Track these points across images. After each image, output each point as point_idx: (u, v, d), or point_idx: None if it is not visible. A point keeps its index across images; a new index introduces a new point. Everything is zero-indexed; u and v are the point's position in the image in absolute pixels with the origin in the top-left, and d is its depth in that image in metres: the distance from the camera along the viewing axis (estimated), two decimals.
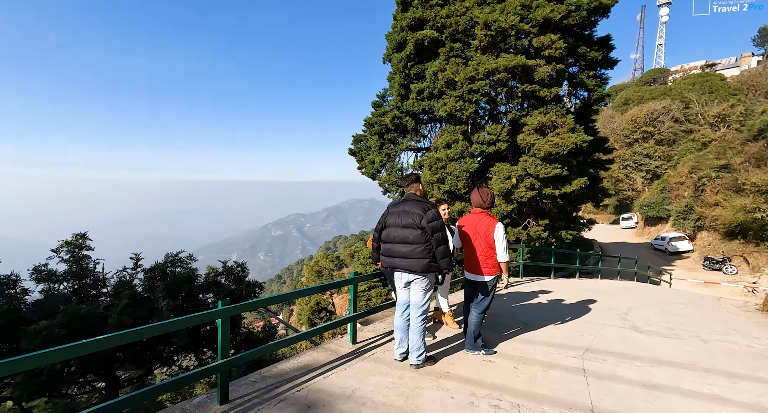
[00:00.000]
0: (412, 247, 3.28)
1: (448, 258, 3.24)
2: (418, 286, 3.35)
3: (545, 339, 4.13)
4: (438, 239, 3.19)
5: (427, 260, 3.24)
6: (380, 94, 15.71)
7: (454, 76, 10.77)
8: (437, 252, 3.20)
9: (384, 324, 4.81)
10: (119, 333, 2.28)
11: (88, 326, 6.59)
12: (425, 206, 3.30)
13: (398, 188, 15.55)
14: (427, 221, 3.20)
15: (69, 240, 8.23)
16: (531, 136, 10.44)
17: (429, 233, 3.20)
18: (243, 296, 8.61)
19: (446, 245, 3.23)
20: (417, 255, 3.25)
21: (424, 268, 3.25)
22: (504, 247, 3.58)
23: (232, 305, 2.81)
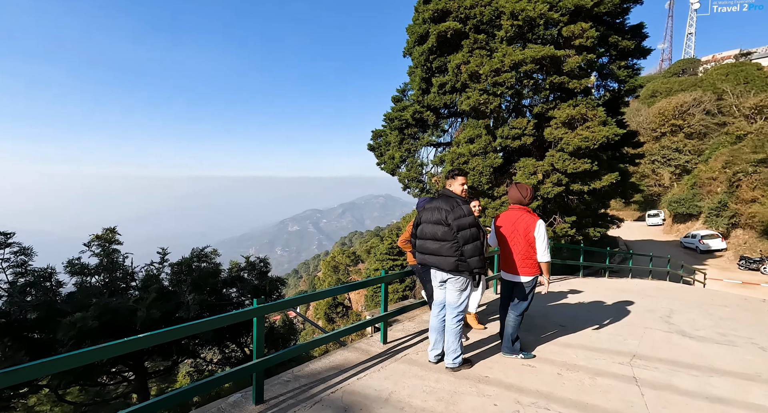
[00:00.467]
0: (440, 244, 3.19)
1: (478, 257, 3.05)
2: (453, 285, 3.21)
3: (586, 343, 3.92)
4: (465, 237, 3.04)
5: (454, 259, 3.11)
6: (400, 89, 15.49)
7: (478, 69, 10.46)
8: (464, 250, 3.05)
9: (413, 324, 4.69)
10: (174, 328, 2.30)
11: (119, 318, 6.73)
12: (454, 202, 3.17)
13: (418, 183, 15.36)
14: (454, 218, 3.08)
15: (99, 234, 8.44)
16: (559, 129, 10.05)
17: (455, 230, 3.08)
18: (266, 291, 8.66)
19: (475, 243, 3.06)
20: (445, 252, 3.15)
21: (452, 266, 3.14)
22: (545, 246, 3.39)
23: (267, 303, 2.74)
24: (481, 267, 3.09)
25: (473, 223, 3.08)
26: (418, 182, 15.16)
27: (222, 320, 2.57)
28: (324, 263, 50.77)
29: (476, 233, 3.08)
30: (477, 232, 3.09)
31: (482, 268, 3.11)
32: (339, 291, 3.45)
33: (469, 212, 3.11)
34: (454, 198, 3.23)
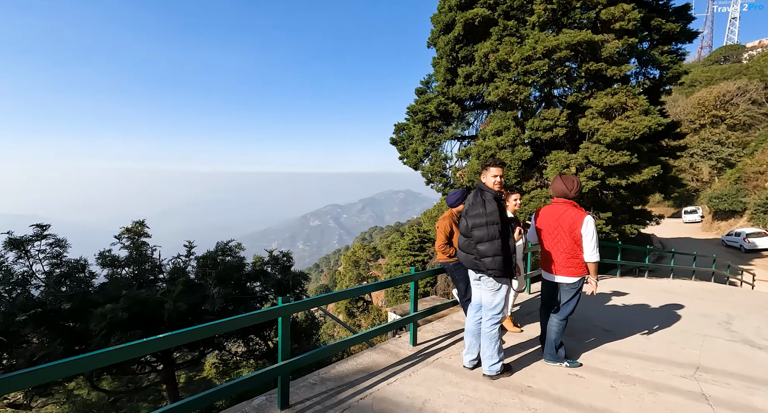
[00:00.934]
0: (464, 239, 3.03)
1: (492, 258, 2.77)
2: (485, 285, 2.96)
3: (637, 351, 3.55)
4: (478, 236, 2.81)
5: (472, 257, 2.92)
6: (424, 81, 15.08)
7: (507, 57, 9.95)
8: (478, 249, 2.83)
9: (443, 324, 4.43)
10: (208, 325, 2.17)
11: (148, 310, 6.82)
12: (479, 196, 2.93)
13: (442, 178, 14.97)
14: (471, 214, 2.91)
15: (129, 227, 8.61)
16: (595, 120, 9.42)
17: (470, 227, 2.88)
18: (289, 286, 8.62)
19: (492, 242, 2.78)
20: (466, 249, 2.99)
21: (471, 265, 2.96)
22: (594, 244, 3.05)
23: (293, 303, 2.56)
24: (496, 269, 2.79)
25: (493, 220, 2.80)
26: (442, 176, 14.78)
27: (246, 319, 2.41)
28: (345, 258, 51.12)
29: (494, 231, 2.78)
30: (495, 230, 2.78)
31: (499, 270, 2.80)
32: (366, 290, 3.25)
33: (492, 208, 2.83)
34: (483, 192, 2.96)
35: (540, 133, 10.56)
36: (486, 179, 3.01)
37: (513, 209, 4.00)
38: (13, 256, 6.81)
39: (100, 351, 1.88)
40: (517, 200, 3.97)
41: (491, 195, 2.90)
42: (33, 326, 6.32)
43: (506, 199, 4.14)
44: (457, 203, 3.99)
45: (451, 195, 3.98)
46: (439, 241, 3.87)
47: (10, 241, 6.68)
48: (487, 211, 2.80)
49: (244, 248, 9.28)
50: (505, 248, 2.79)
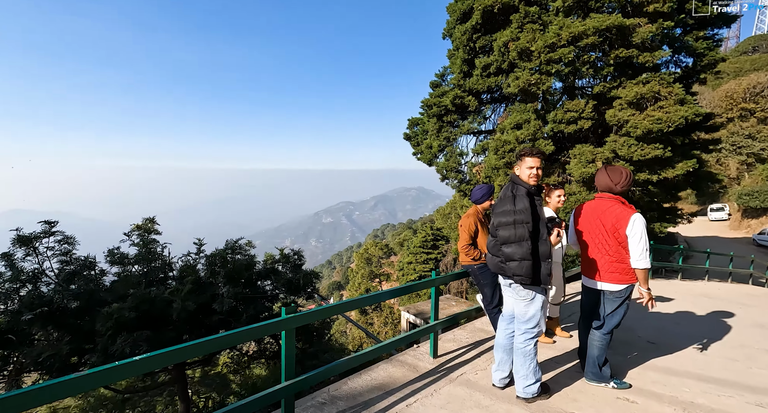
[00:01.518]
0: (492, 240, 2.67)
1: (519, 263, 2.36)
2: (516, 293, 2.56)
3: (693, 369, 3.09)
4: (504, 237, 2.43)
5: (498, 260, 2.55)
6: (439, 74, 14.57)
7: (529, 46, 9.38)
8: (503, 252, 2.44)
9: (465, 332, 4.04)
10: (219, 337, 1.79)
11: (156, 309, 6.63)
12: (510, 190, 2.55)
13: (457, 174, 14.48)
14: (497, 211, 2.56)
15: (140, 224, 8.45)
16: (624, 111, 8.79)
17: (495, 225, 2.52)
18: (300, 286, 8.34)
19: (519, 244, 2.37)
20: (492, 250, 2.64)
21: (497, 269, 2.59)
22: (642, 247, 2.59)
23: (299, 314, 2.22)
24: (523, 275, 2.37)
25: (522, 219, 2.38)
26: (457, 172, 14.29)
27: (246, 333, 2.08)
28: (357, 255, 50.97)
29: (523, 232, 2.37)
30: (525, 231, 2.37)
31: (527, 276, 2.37)
32: (383, 298, 2.88)
33: (523, 205, 2.41)
34: (516, 186, 2.56)
35: (563, 126, 9.98)
36: (520, 171, 2.59)
37: (555, 207, 3.57)
38: (22, 253, 6.70)
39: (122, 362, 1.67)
40: (561, 197, 3.53)
41: (524, 190, 2.49)
42: (40, 325, 6.19)
43: (547, 195, 3.70)
44: (482, 200, 3.58)
45: (476, 191, 3.57)
46: (462, 241, 3.48)
47: (18, 238, 6.56)
48: (516, 208, 2.39)
49: (254, 246, 9.04)
50: (534, 251, 2.38)
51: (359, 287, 41.06)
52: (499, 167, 11.25)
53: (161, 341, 6.83)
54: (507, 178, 11.17)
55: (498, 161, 11.17)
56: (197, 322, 7.75)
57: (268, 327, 2.11)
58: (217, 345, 1.93)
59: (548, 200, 3.68)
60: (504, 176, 11.19)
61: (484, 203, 3.55)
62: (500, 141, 11.05)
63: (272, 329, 2.12)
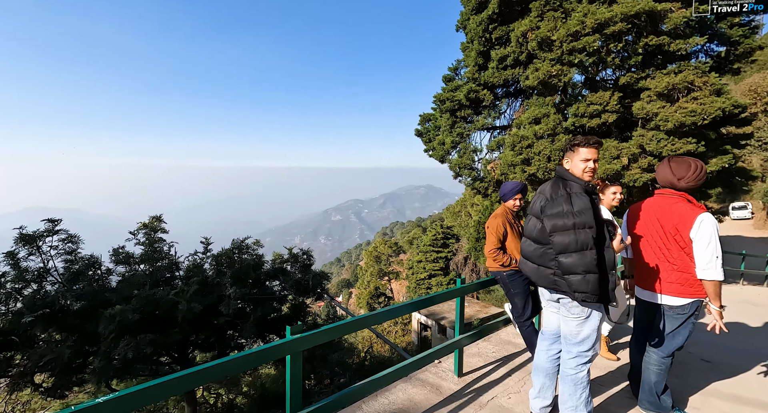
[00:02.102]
0: (534, 247, 2.21)
1: (583, 277, 1.92)
2: (567, 311, 2.13)
3: (764, 397, 2.64)
4: (562, 244, 1.97)
5: (550, 272, 2.09)
6: (452, 67, 14.08)
7: (550, 35, 8.86)
8: (560, 263, 1.99)
9: (491, 345, 3.64)
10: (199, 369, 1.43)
11: (161, 311, 6.40)
12: (561, 187, 2.10)
13: (470, 171, 14.00)
14: (550, 212, 2.07)
15: (146, 222, 8.23)
16: (653, 103, 8.22)
17: (549, 230, 2.04)
18: (309, 287, 8.03)
19: (582, 253, 1.93)
20: (537, 259, 2.17)
21: (547, 282, 2.13)
22: (711, 254, 2.15)
23: (305, 334, 1.87)
24: (588, 292, 1.93)
25: (584, 222, 1.95)
26: (471, 169, 13.81)
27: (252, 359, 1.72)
28: (366, 253, 50.73)
29: (586, 238, 1.93)
30: (588, 237, 1.93)
31: (593, 293, 1.93)
32: (404, 310, 2.51)
33: (583, 205, 1.98)
34: (568, 182, 2.13)
35: (585, 120, 9.44)
36: (572, 164, 2.17)
37: (610, 206, 3.12)
38: (25, 252, 6.50)
39: None
40: (617, 195, 3.07)
41: (580, 187, 2.07)
42: (43, 326, 5.99)
43: (601, 192, 3.22)
44: (510, 196, 3.18)
45: (506, 187, 3.17)
46: (489, 245, 3.08)
47: (21, 236, 6.36)
48: (575, 208, 1.98)
49: (262, 245, 8.76)
50: (601, 262, 1.96)
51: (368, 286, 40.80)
52: (516, 163, 10.75)
53: (166, 344, 6.58)
54: (525, 175, 10.68)
55: (515, 157, 10.68)
56: (204, 324, 7.51)
57: (269, 351, 1.76)
58: (205, 378, 1.58)
59: (602, 197, 3.19)
60: (521, 173, 10.69)
61: (515, 201, 3.15)
62: (517, 137, 10.57)
63: (274, 354, 1.77)
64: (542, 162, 10.02)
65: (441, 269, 31.56)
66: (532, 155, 10.24)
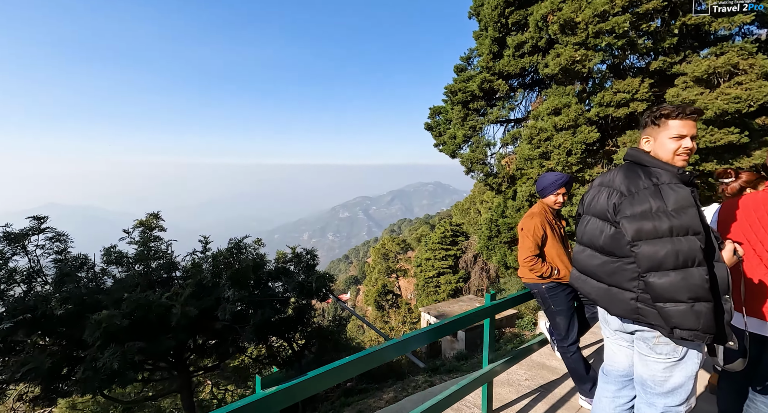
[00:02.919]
0: (601, 260, 1.57)
1: (689, 307, 1.30)
2: (649, 348, 1.51)
3: None
4: (654, 257, 1.36)
5: (631, 296, 1.46)
6: (464, 56, 13.35)
7: (574, 16, 8.12)
8: (652, 286, 1.35)
9: (522, 370, 3.05)
10: None
11: (153, 315, 5.93)
12: (642, 177, 1.47)
13: (483, 166, 13.31)
14: (632, 211, 1.42)
15: (142, 220, 7.79)
16: (690, 89, 7.45)
17: (630, 236, 1.39)
18: (312, 289, 7.51)
19: (686, 272, 1.31)
20: (608, 277, 1.54)
21: (625, 310, 1.48)
22: None
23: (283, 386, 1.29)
24: (697, 329, 1.30)
25: (685, 225, 1.32)
26: (483, 164, 13.11)
27: None
28: (374, 250, 50.32)
29: (693, 249, 1.31)
30: (695, 247, 1.31)
31: (705, 330, 1.31)
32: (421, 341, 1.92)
33: (682, 200, 1.36)
34: (647, 168, 1.52)
35: (611, 109, 8.69)
36: (656, 143, 1.55)
37: None
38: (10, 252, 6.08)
39: None
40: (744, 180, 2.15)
41: (671, 175, 1.45)
42: (24, 333, 5.57)
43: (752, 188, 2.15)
44: (551, 191, 2.57)
45: (546, 179, 2.56)
46: (525, 251, 2.47)
47: (4, 235, 5.94)
48: (669, 206, 1.36)
49: (264, 244, 8.25)
50: (713, 284, 1.35)
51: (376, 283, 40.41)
52: (533, 157, 10.05)
53: (158, 351, 6.13)
54: (542, 171, 9.97)
55: (532, 151, 9.98)
56: (201, 328, 7.04)
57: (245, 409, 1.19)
58: None
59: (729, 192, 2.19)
60: (539, 168, 9.99)
61: (557, 197, 2.54)
62: (535, 129, 9.86)
63: None
64: (562, 156, 9.31)
65: (450, 267, 30.92)
66: (551, 149, 9.54)
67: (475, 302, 16.26)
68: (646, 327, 1.49)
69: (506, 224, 16.39)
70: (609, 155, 9.76)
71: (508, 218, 16.23)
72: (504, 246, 16.92)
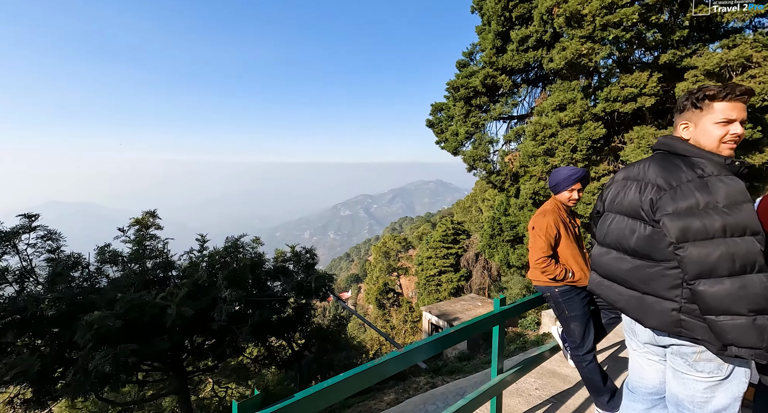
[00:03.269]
0: (632, 263, 1.36)
1: (749, 321, 1.10)
2: (688, 365, 1.31)
3: None
4: (701, 261, 1.17)
5: (671, 307, 1.26)
6: (467, 51, 13.12)
7: (581, 8, 7.88)
8: (702, 295, 1.16)
9: (532, 378, 2.86)
10: None
11: (147, 315, 5.76)
12: (674, 167, 1.29)
13: (486, 163, 13.10)
14: (675, 208, 1.22)
15: (138, 218, 7.61)
16: (701, 84, 7.23)
17: (674, 237, 1.19)
18: (311, 289, 7.34)
19: (739, 278, 1.12)
20: (639, 284, 1.34)
21: (664, 323, 1.27)
22: None
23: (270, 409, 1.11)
24: (761, 348, 1.11)
25: (743, 224, 1.13)
26: (486, 162, 12.90)
27: None
28: (375, 249, 50.22)
29: (752, 251, 1.12)
30: (754, 249, 1.12)
31: (766, 349, 1.11)
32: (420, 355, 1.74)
33: (734, 195, 1.16)
34: (687, 158, 1.32)
35: (618, 104, 8.47)
36: (698, 129, 1.36)
37: None
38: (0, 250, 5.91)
39: None
40: None
41: (719, 166, 1.26)
42: (14, 334, 5.41)
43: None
44: (565, 186, 2.37)
45: (560, 173, 2.36)
46: (536, 252, 2.27)
47: None
48: (720, 201, 1.16)
49: (262, 243, 8.08)
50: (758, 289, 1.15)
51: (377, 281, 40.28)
52: (538, 154, 9.83)
53: (152, 353, 5.97)
54: (547, 167, 9.77)
55: (536, 147, 9.76)
56: (197, 329, 6.88)
57: None
58: None
59: None
60: (543, 165, 9.78)
61: (572, 193, 2.34)
62: (539, 125, 9.64)
63: None
64: (567, 153, 9.09)
65: (451, 265, 30.74)
66: (556, 145, 9.32)
67: (477, 301, 16.06)
68: (686, 341, 1.30)
69: (509, 222, 16.17)
70: (615, 152, 9.54)
71: (510, 216, 16.02)
72: (506, 245, 16.72)
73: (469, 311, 15.19)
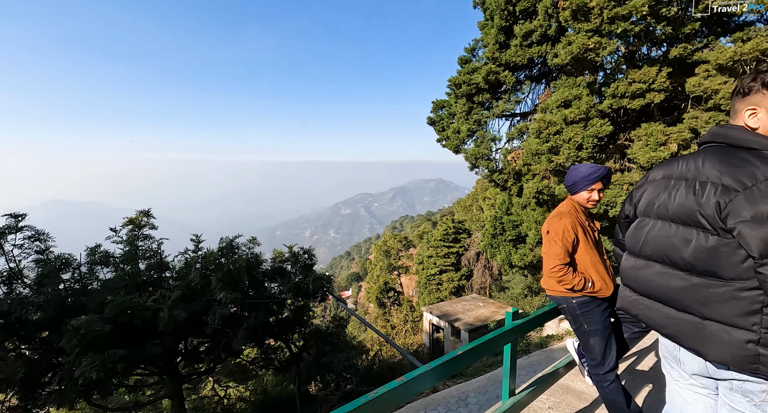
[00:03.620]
0: (687, 281, 1.10)
1: None
2: (752, 405, 1.07)
3: None
4: None
5: (746, 337, 1.01)
6: (469, 47, 12.86)
7: (587, 1, 7.62)
8: None
9: (545, 395, 2.63)
10: None
11: (138, 319, 5.53)
12: (744, 162, 1.02)
13: (488, 161, 12.85)
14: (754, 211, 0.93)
15: (132, 218, 7.39)
16: (713, 78, 6.97)
17: (753, 248, 0.94)
18: (309, 291, 7.11)
19: None
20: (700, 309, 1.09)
21: (736, 357, 1.05)
22: None
23: None
24: None
25: None
26: (488, 160, 12.66)
27: None
28: (375, 247, 50.03)
29: None
30: None
31: None
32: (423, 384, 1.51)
33: None
34: (757, 153, 1.06)
35: (626, 101, 8.21)
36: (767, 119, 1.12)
37: None
38: None
39: None
40: None
41: None
42: None
43: None
44: (584, 186, 2.13)
45: (578, 171, 2.12)
46: (552, 259, 2.03)
47: None
48: None
49: (259, 244, 7.86)
50: None
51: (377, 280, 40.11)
52: (542, 152, 9.58)
53: (143, 359, 5.76)
54: (551, 166, 9.52)
55: (540, 145, 9.51)
56: (191, 332, 6.66)
57: None
58: None
59: None
60: (547, 163, 9.53)
61: (591, 193, 2.11)
62: (543, 122, 9.38)
63: None
64: (572, 151, 8.84)
65: (452, 264, 30.54)
66: (561, 143, 9.06)
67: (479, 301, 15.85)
68: (757, 378, 1.06)
69: (511, 221, 15.92)
70: (621, 150, 9.29)
71: (513, 215, 15.76)
72: (508, 244, 16.48)
73: (471, 311, 14.98)
